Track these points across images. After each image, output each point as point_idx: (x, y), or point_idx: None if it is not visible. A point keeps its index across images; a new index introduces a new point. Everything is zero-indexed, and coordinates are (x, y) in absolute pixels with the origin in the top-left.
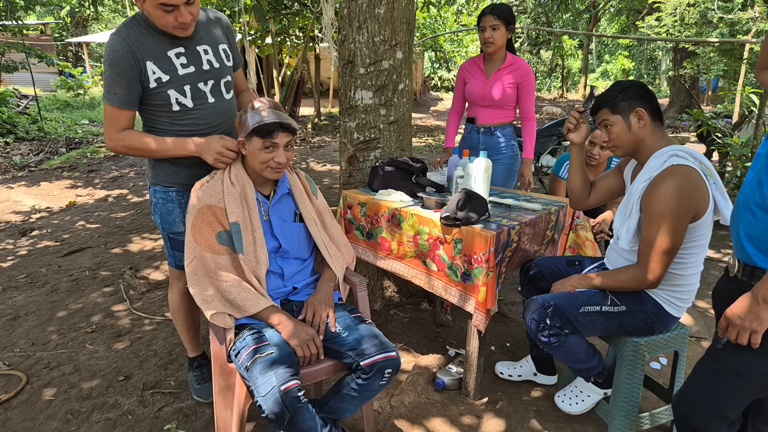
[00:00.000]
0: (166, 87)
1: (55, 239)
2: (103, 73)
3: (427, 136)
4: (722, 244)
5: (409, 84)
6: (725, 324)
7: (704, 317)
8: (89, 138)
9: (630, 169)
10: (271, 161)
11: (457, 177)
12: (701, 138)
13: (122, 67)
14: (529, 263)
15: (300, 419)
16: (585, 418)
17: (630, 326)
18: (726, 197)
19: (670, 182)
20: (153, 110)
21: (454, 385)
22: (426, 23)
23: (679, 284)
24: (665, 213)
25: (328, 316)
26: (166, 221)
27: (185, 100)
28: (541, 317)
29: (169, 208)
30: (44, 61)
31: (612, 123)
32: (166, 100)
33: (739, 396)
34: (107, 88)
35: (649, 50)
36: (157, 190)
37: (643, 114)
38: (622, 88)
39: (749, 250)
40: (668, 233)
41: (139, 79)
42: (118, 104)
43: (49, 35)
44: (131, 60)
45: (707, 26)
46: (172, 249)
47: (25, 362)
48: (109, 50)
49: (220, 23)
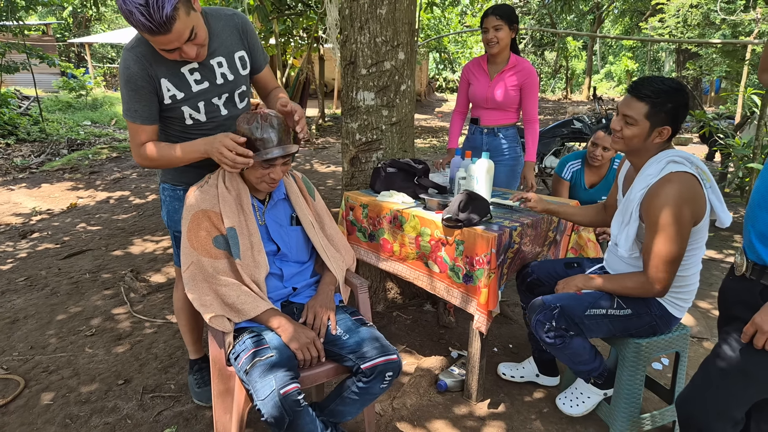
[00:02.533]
0: (180, 104)
1: (55, 241)
2: (120, 89)
3: (432, 137)
4: (724, 245)
5: (412, 85)
6: (752, 330)
7: (706, 318)
8: (91, 139)
9: (623, 174)
10: (267, 177)
11: (459, 178)
12: (703, 139)
13: (138, 84)
14: (526, 269)
15: (300, 423)
16: (587, 420)
17: (635, 329)
18: (721, 200)
19: (670, 190)
20: (165, 122)
21: (456, 387)
22: (430, 24)
23: (681, 285)
24: (669, 222)
25: (329, 318)
26: (172, 219)
27: (199, 115)
28: (546, 318)
29: (175, 206)
30: (46, 62)
31: (635, 123)
32: (179, 115)
33: (747, 396)
34: (126, 105)
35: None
36: (166, 187)
37: (666, 134)
38: (677, 95)
39: (761, 249)
40: (673, 242)
41: (156, 94)
42: (140, 121)
43: (50, 36)
44: (146, 77)
45: (710, 27)
46: (177, 247)
47: (24, 366)
48: (124, 67)
49: (236, 26)
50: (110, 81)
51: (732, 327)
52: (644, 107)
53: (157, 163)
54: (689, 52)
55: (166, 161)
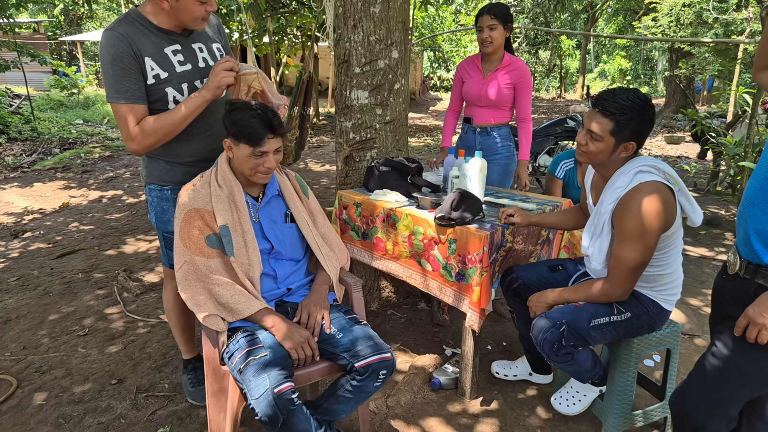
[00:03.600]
0: (165, 84)
1: (47, 241)
2: (102, 72)
3: (426, 135)
4: (715, 243)
5: (406, 83)
6: (745, 322)
7: (697, 315)
8: (83, 138)
9: (590, 179)
10: (260, 167)
11: (453, 177)
12: (696, 137)
13: (126, 62)
14: (511, 275)
15: (294, 421)
16: (580, 416)
17: (635, 330)
18: (692, 201)
19: (639, 201)
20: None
21: (450, 385)
22: (424, 23)
23: (666, 282)
24: (638, 232)
25: (323, 317)
26: (161, 220)
27: (182, 98)
28: (555, 338)
29: (163, 207)
30: (37, 60)
31: (600, 139)
32: (163, 98)
33: (742, 394)
34: (114, 86)
35: (646, 50)
36: (153, 188)
37: (631, 149)
38: (641, 111)
39: (756, 246)
40: (640, 251)
41: (141, 72)
42: (132, 100)
43: (42, 33)
44: (132, 54)
45: (702, 27)
46: (166, 248)
47: (16, 366)
48: (108, 46)
49: (210, 23)
50: (102, 80)
51: (726, 326)
52: (609, 123)
53: (159, 136)
54: (682, 50)
55: (169, 127)
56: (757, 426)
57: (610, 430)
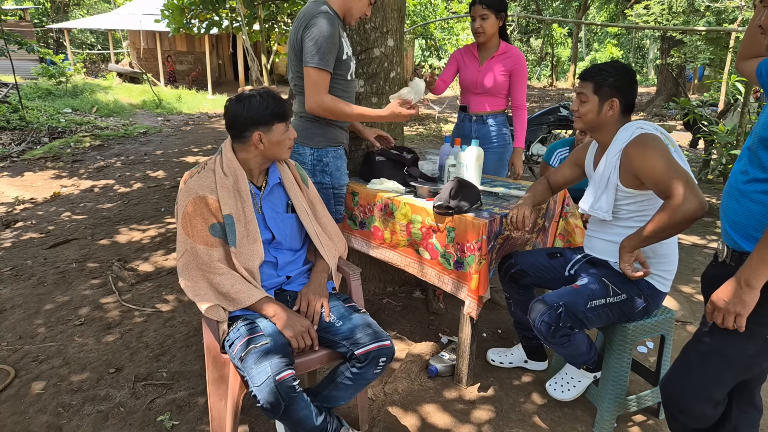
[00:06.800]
0: (349, 60)
1: (39, 231)
2: (314, 40)
3: (418, 124)
4: (707, 231)
5: (401, 72)
6: (711, 308)
7: (690, 302)
8: (72, 127)
9: (591, 156)
10: (287, 140)
11: (449, 166)
12: (687, 126)
13: (334, 41)
14: (510, 260)
15: (295, 408)
16: (575, 402)
17: (630, 312)
18: (685, 162)
19: (648, 137)
20: (333, 78)
21: (446, 372)
22: (416, 10)
23: (662, 255)
24: (661, 154)
25: (323, 306)
26: (335, 177)
27: (350, 73)
28: (552, 320)
29: (338, 165)
30: (24, 48)
31: (587, 100)
32: (348, 70)
33: (725, 378)
34: (324, 56)
35: (638, 39)
36: (329, 150)
37: (615, 106)
38: (615, 71)
39: (733, 236)
40: (675, 165)
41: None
42: (330, 69)
43: (28, 21)
44: (338, 35)
45: (694, 15)
46: (335, 204)
47: (13, 356)
48: (328, 24)
49: None
50: (90, 68)
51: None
52: (590, 85)
53: (331, 111)
54: (674, 39)
55: (338, 113)
56: (746, 410)
57: (604, 415)
